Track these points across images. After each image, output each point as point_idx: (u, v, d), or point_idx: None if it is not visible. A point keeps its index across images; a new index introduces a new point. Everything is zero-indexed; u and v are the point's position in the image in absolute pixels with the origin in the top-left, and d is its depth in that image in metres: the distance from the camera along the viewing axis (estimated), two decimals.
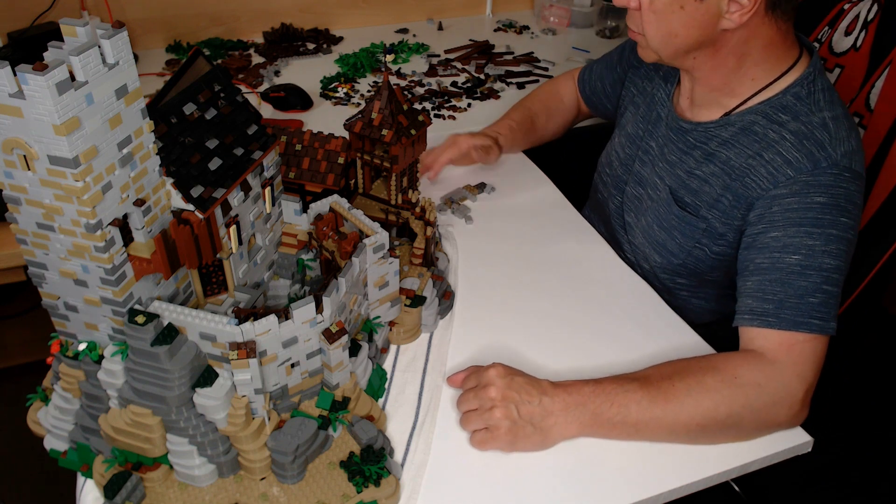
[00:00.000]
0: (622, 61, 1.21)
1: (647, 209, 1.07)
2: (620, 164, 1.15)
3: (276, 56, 1.74)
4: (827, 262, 0.82)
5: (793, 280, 0.82)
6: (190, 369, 0.67)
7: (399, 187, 0.98)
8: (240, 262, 0.80)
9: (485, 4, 2.09)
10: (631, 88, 1.17)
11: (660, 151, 1.06)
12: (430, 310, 0.91)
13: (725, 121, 0.95)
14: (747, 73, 0.92)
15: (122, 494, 0.68)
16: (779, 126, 0.89)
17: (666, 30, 0.89)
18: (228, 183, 0.73)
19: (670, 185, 1.02)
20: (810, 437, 0.80)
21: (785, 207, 0.85)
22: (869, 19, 1.16)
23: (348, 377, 0.78)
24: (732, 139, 0.94)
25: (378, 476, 0.71)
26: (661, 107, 1.08)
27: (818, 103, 0.89)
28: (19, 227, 0.64)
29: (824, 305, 0.81)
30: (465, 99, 1.57)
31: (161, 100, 0.71)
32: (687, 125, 1.00)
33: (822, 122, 0.87)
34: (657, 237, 1.04)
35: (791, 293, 0.82)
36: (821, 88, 0.90)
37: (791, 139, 0.87)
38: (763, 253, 0.86)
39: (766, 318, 0.83)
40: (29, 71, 0.52)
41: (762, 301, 0.84)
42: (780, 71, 0.91)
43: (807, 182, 0.85)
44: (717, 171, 0.95)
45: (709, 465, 0.77)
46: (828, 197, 0.84)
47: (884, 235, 1.12)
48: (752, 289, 0.86)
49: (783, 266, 0.84)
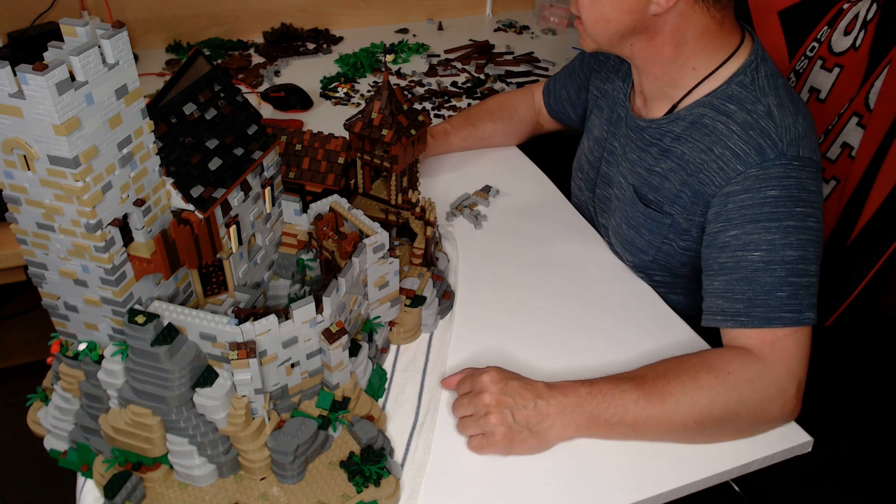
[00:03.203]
0: (583, 67, 1.22)
1: (616, 209, 1.08)
2: (590, 167, 1.17)
3: (276, 56, 1.74)
4: (789, 254, 0.83)
5: (758, 277, 0.83)
6: (190, 369, 0.67)
7: (399, 187, 0.98)
8: (240, 262, 0.80)
9: (485, 4, 2.09)
10: (594, 91, 1.18)
11: (622, 151, 1.07)
12: (430, 310, 0.91)
13: (676, 115, 0.96)
14: (687, 63, 0.92)
15: (122, 494, 0.68)
16: (726, 117, 0.90)
17: (598, 14, 0.90)
18: (228, 183, 0.73)
19: (633, 183, 1.03)
20: (810, 437, 0.80)
21: (739, 204, 0.86)
22: (868, 19, 1.16)
23: (348, 377, 0.78)
24: (684, 134, 0.95)
25: (378, 476, 0.71)
26: (620, 107, 1.09)
27: (763, 89, 0.89)
28: (19, 227, 0.64)
29: (794, 297, 0.82)
30: (465, 99, 1.57)
31: (161, 100, 0.71)
32: (642, 122, 1.02)
33: (767, 111, 0.87)
34: (626, 235, 1.05)
35: (759, 290, 0.83)
36: (764, 75, 0.90)
37: (738, 131, 0.88)
38: (725, 252, 0.87)
39: (738, 318, 0.83)
40: (29, 71, 0.52)
41: (732, 301, 0.84)
42: (721, 59, 0.92)
43: (757, 176, 0.85)
44: (674, 166, 0.96)
45: (709, 465, 0.77)
46: (780, 189, 0.84)
47: (884, 235, 1.12)
48: (719, 289, 0.86)
49: (746, 264, 0.84)
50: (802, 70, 1.27)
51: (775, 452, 0.79)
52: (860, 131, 1.16)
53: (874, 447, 1.68)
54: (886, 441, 1.69)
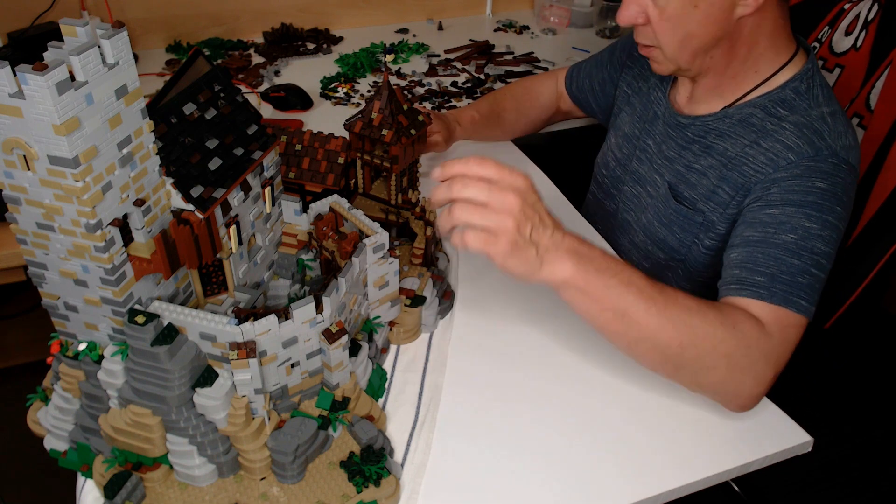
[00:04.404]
0: (613, 60, 1.21)
1: (647, 206, 1.07)
2: (618, 165, 1.15)
3: (276, 56, 1.74)
4: (819, 246, 0.82)
5: (786, 257, 0.82)
6: (190, 369, 0.67)
7: (399, 187, 0.98)
8: (240, 262, 0.80)
9: (485, 4, 2.09)
10: (625, 89, 1.17)
11: (657, 149, 1.06)
12: (430, 310, 0.91)
13: (724, 113, 0.95)
14: (753, 65, 0.92)
15: (122, 494, 0.68)
16: (777, 119, 0.90)
17: (682, 34, 0.87)
18: (228, 183, 0.73)
19: (669, 180, 1.02)
20: (810, 437, 0.80)
21: (785, 189, 0.85)
22: (869, 19, 1.16)
23: (348, 377, 0.78)
24: (729, 131, 0.94)
25: (378, 476, 0.71)
26: (657, 105, 1.08)
27: (816, 98, 0.90)
28: (19, 227, 0.64)
29: (811, 288, 0.81)
30: (465, 99, 1.57)
31: (161, 100, 0.71)
32: (685, 120, 1.00)
33: (821, 116, 0.88)
34: (658, 233, 1.04)
35: (784, 269, 0.81)
36: (819, 84, 0.91)
37: (791, 128, 0.88)
38: (755, 227, 0.85)
39: (756, 289, 0.80)
40: (29, 71, 0.52)
41: (752, 272, 0.82)
42: (781, 63, 0.92)
43: (808, 167, 0.85)
44: (714, 163, 0.95)
45: (709, 465, 0.77)
46: (828, 184, 0.84)
47: (884, 236, 1.12)
48: (740, 259, 0.84)
49: (777, 242, 0.82)
50: None
51: (775, 452, 0.79)
52: (861, 132, 1.16)
53: (874, 447, 1.68)
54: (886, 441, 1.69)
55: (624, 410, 0.82)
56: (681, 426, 0.80)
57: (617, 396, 0.84)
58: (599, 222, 1.21)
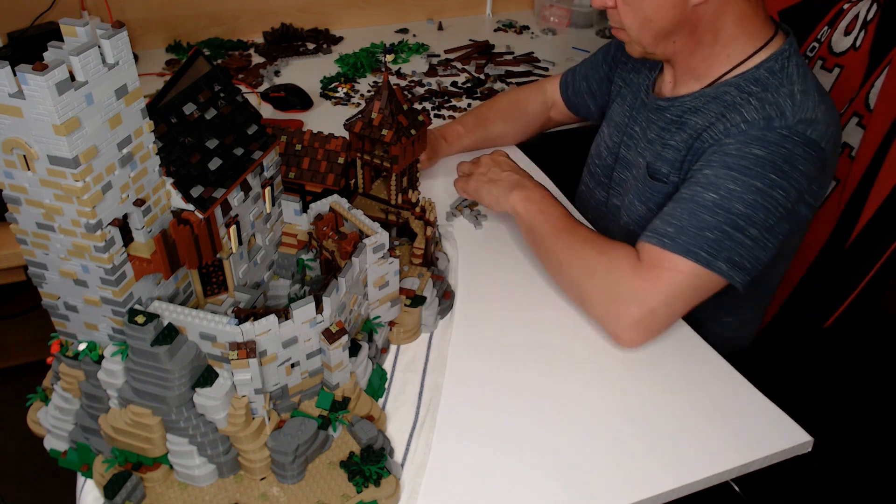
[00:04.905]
0: (608, 59, 1.24)
1: (630, 188, 1.11)
2: (609, 153, 1.19)
3: (276, 56, 1.74)
4: (738, 207, 0.86)
5: (700, 213, 0.87)
6: (190, 369, 0.67)
7: (399, 187, 0.98)
8: (240, 262, 0.80)
9: (485, 4, 2.09)
10: (618, 82, 1.20)
11: (642, 133, 1.10)
12: (430, 310, 0.91)
13: (701, 93, 0.99)
14: (723, 50, 0.96)
15: (122, 494, 0.68)
16: (747, 95, 0.93)
17: (641, 17, 0.93)
18: (228, 183, 0.73)
19: (648, 160, 1.06)
20: (810, 437, 0.80)
21: (723, 153, 0.89)
22: (868, 19, 1.16)
23: (348, 377, 0.78)
24: (703, 107, 0.98)
25: (378, 476, 0.71)
26: (644, 93, 1.12)
27: (790, 77, 0.92)
28: (19, 227, 0.64)
29: (718, 243, 0.85)
30: (465, 99, 1.57)
31: (161, 100, 0.71)
32: (665, 102, 1.04)
33: (790, 93, 0.90)
34: (639, 212, 1.07)
35: (693, 223, 0.86)
36: (795, 64, 0.94)
37: (755, 103, 0.91)
38: (688, 186, 0.91)
39: (662, 238, 0.87)
40: (29, 71, 0.52)
41: (666, 223, 0.88)
42: (755, 47, 0.95)
43: (753, 135, 0.88)
44: (685, 137, 0.99)
45: (709, 465, 0.77)
46: (766, 152, 0.87)
47: (883, 236, 1.12)
48: (664, 212, 0.91)
49: (699, 200, 0.88)
50: None
51: (775, 452, 0.79)
52: (860, 131, 1.16)
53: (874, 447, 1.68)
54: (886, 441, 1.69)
55: (624, 411, 0.82)
56: (681, 426, 0.80)
57: (617, 397, 0.84)
58: (590, 211, 1.23)
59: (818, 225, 1.21)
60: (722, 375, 0.87)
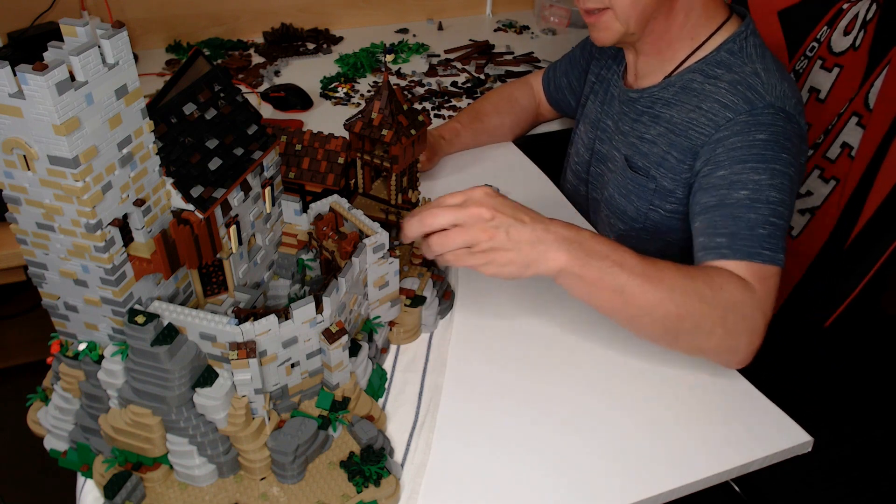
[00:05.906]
0: (584, 54, 1.26)
1: (608, 181, 1.11)
2: (585, 149, 1.20)
3: (276, 56, 1.74)
4: (773, 195, 0.85)
5: (742, 213, 0.84)
6: (190, 369, 0.67)
7: (399, 187, 0.98)
8: (240, 262, 0.80)
9: (485, 4, 2.09)
10: (591, 78, 1.22)
11: (615, 126, 1.11)
12: (430, 310, 0.91)
13: (667, 83, 1.01)
14: (690, 31, 0.98)
15: (122, 494, 0.68)
16: (714, 79, 0.95)
17: None
18: (228, 183, 0.73)
19: (625, 153, 1.06)
20: (810, 437, 0.80)
21: (728, 147, 0.89)
22: (868, 19, 1.16)
23: (348, 377, 0.78)
24: (674, 99, 0.99)
25: (378, 476, 0.71)
26: (614, 87, 1.14)
27: (750, 56, 0.94)
28: (19, 227, 0.64)
29: (772, 237, 0.84)
30: (465, 99, 1.57)
31: (161, 100, 0.71)
32: (634, 94, 1.06)
33: (754, 72, 0.92)
34: (618, 205, 1.08)
35: (742, 225, 0.84)
36: (753, 44, 0.96)
37: (725, 87, 0.92)
38: (710, 193, 0.89)
39: (719, 250, 0.84)
40: (29, 71, 0.52)
41: (713, 236, 0.85)
42: (713, 28, 0.97)
43: (747, 122, 0.89)
44: (662, 131, 1.00)
45: (709, 465, 0.77)
46: (768, 134, 0.87)
47: (883, 235, 1.12)
48: (702, 227, 0.88)
49: (732, 202, 0.86)
50: (802, 70, 1.27)
51: (775, 452, 0.79)
52: (860, 131, 1.16)
53: (874, 447, 1.68)
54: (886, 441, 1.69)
55: (624, 410, 0.82)
56: (681, 426, 0.80)
57: (617, 396, 0.84)
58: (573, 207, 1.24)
59: (818, 225, 1.21)
60: (722, 375, 0.87)
